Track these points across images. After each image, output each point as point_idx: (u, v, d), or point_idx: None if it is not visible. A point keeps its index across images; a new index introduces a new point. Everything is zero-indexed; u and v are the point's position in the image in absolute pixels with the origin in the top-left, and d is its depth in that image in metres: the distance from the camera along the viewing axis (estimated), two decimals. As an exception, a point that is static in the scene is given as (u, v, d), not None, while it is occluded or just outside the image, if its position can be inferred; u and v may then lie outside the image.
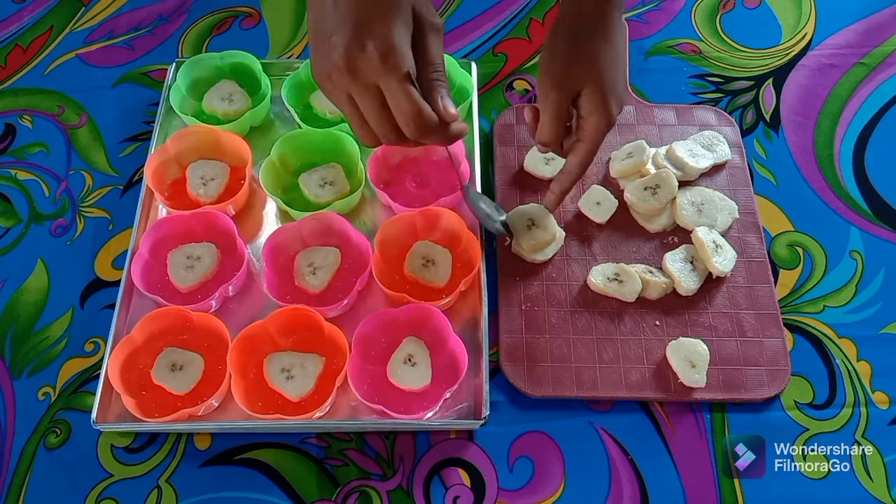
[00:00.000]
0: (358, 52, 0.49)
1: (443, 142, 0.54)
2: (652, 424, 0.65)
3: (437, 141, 0.54)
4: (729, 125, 0.81)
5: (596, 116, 0.60)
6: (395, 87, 0.49)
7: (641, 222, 0.74)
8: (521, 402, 0.66)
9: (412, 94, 0.50)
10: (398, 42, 0.49)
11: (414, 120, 0.51)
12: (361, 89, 0.51)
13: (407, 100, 0.50)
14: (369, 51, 0.48)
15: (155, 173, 0.75)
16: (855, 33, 0.90)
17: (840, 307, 0.71)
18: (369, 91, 0.51)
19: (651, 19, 0.92)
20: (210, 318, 0.66)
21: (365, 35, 0.49)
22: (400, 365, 0.64)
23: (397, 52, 0.49)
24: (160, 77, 0.87)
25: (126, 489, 0.63)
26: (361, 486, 0.63)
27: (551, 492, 0.63)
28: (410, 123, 0.51)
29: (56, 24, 0.93)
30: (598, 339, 0.68)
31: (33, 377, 0.69)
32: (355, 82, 0.50)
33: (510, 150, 0.80)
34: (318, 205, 0.74)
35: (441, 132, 0.53)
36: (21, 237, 0.77)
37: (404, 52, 0.49)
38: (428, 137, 0.53)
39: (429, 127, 0.52)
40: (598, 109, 0.60)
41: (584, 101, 0.60)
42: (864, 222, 0.76)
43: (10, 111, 0.86)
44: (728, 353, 0.67)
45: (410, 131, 0.52)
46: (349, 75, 0.50)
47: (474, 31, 0.91)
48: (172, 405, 0.64)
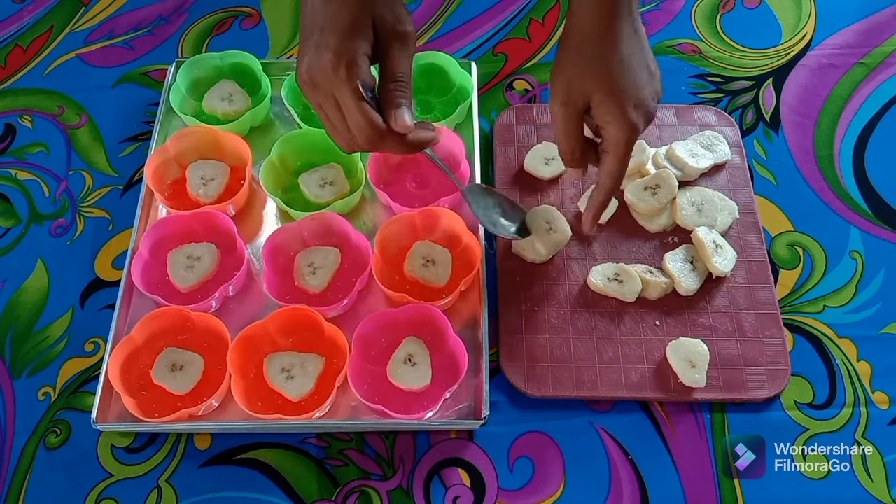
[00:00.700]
0: (316, 64, 0.52)
1: (404, 150, 0.56)
2: (652, 424, 0.65)
3: (396, 150, 0.56)
4: (729, 125, 0.81)
5: (613, 126, 0.57)
6: (346, 98, 0.52)
7: (641, 222, 0.74)
8: (521, 402, 0.66)
9: (360, 105, 0.52)
10: (349, 55, 0.51)
11: (364, 130, 0.53)
12: (322, 99, 0.53)
13: (356, 112, 0.52)
14: (324, 63, 0.51)
15: (155, 173, 0.75)
16: (855, 33, 0.90)
17: (840, 307, 0.71)
18: (329, 101, 0.53)
19: (651, 19, 0.92)
20: (210, 318, 0.66)
21: (322, 47, 0.51)
22: (400, 365, 0.64)
23: (348, 64, 0.51)
24: (160, 77, 0.87)
25: (126, 489, 0.63)
26: (361, 486, 0.63)
27: (551, 492, 0.63)
28: (361, 134, 0.53)
29: (56, 24, 0.93)
30: (598, 339, 0.68)
31: (33, 377, 0.69)
32: (316, 93, 0.53)
33: (510, 150, 0.80)
34: (318, 205, 0.74)
35: (397, 141, 0.55)
36: (21, 237, 0.77)
37: (355, 64, 0.51)
38: (383, 147, 0.55)
39: (378, 137, 0.53)
40: (614, 118, 0.57)
41: (597, 113, 0.58)
42: (864, 222, 0.76)
43: (10, 111, 0.86)
44: (728, 353, 0.67)
45: (362, 141, 0.54)
46: (311, 86, 0.53)
47: (474, 31, 0.91)
48: (172, 405, 0.64)
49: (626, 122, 0.57)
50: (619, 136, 0.58)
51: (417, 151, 0.57)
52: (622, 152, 0.59)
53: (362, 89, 0.52)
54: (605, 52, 0.57)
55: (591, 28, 0.57)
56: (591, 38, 0.57)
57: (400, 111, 0.54)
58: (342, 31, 0.51)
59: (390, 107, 0.54)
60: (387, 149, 0.55)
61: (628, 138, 0.58)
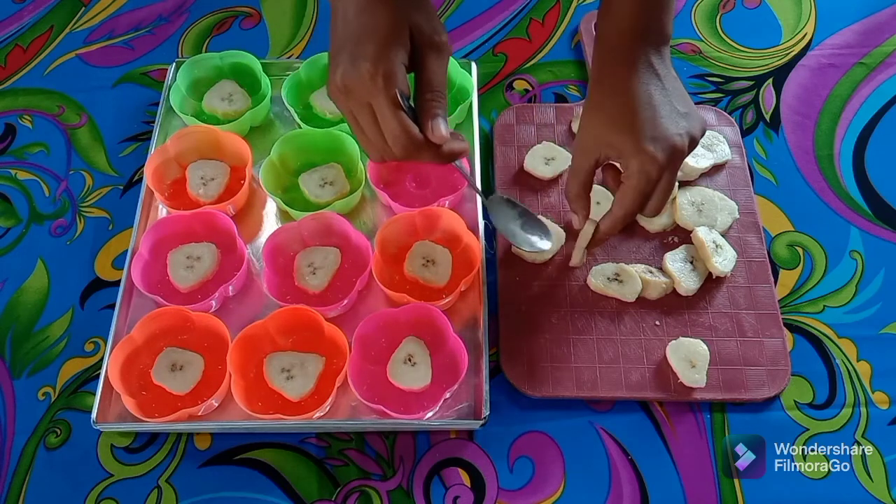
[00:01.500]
0: (352, 72, 0.51)
1: (437, 161, 0.55)
2: (652, 424, 0.65)
3: (431, 160, 0.55)
4: (729, 125, 0.81)
5: (626, 159, 0.57)
6: (382, 107, 0.51)
7: (641, 222, 0.74)
8: (521, 402, 0.66)
9: (398, 115, 0.51)
10: (387, 64, 0.51)
11: (399, 140, 0.52)
12: (357, 108, 0.53)
13: (393, 121, 0.52)
14: (361, 72, 0.50)
15: (155, 173, 0.75)
16: (855, 33, 0.90)
17: (840, 307, 0.71)
18: (364, 110, 0.53)
19: (651, 19, 0.91)
20: (210, 318, 0.66)
21: (359, 56, 0.51)
22: (400, 365, 0.64)
23: (385, 73, 0.50)
24: (160, 77, 0.87)
25: (126, 489, 0.63)
26: (361, 486, 0.63)
27: (551, 492, 0.63)
28: (397, 143, 0.53)
29: (56, 24, 0.93)
30: (598, 339, 0.68)
31: (33, 377, 0.69)
32: (351, 101, 0.53)
33: (510, 150, 0.80)
34: (318, 205, 0.74)
35: (432, 152, 0.54)
36: (21, 237, 0.77)
37: (393, 73, 0.51)
38: (417, 157, 0.54)
39: (415, 148, 0.53)
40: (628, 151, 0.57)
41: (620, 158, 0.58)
42: (864, 222, 0.76)
43: (10, 111, 0.86)
44: (728, 353, 0.67)
45: (397, 151, 0.53)
46: (345, 94, 0.52)
47: (474, 31, 0.91)
48: (172, 405, 0.64)
49: (640, 151, 0.56)
50: (633, 166, 0.57)
51: (450, 162, 0.57)
52: (633, 182, 0.57)
53: (400, 98, 0.51)
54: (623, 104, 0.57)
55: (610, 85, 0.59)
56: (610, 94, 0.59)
57: (437, 122, 0.53)
58: (379, 39, 0.51)
59: (427, 117, 0.53)
60: (421, 159, 0.55)
61: (641, 167, 0.56)
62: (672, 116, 0.57)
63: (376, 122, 0.53)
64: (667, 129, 0.56)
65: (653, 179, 0.57)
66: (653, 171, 0.56)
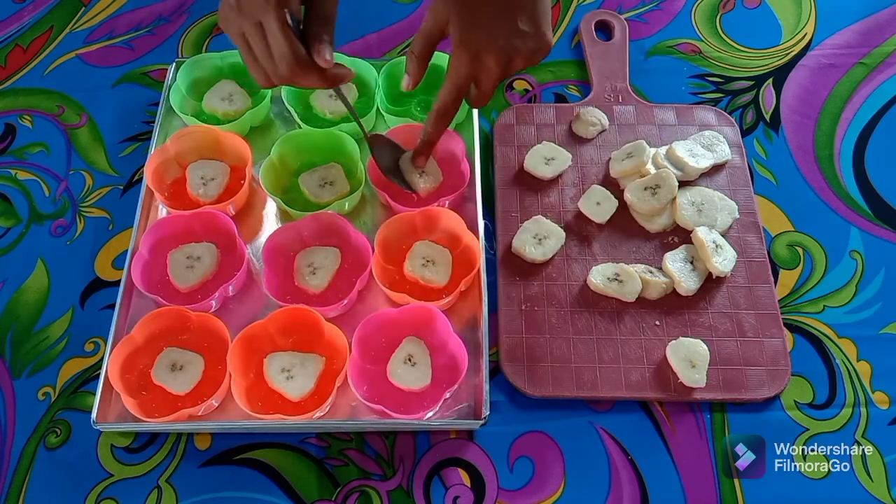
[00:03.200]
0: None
1: (322, 84, 0.57)
2: (652, 424, 0.65)
3: (316, 83, 0.57)
4: (729, 125, 0.81)
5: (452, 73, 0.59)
6: (272, 25, 0.53)
7: (641, 222, 0.74)
8: (521, 402, 0.66)
9: (287, 32, 0.53)
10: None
11: (286, 58, 0.54)
12: (248, 26, 0.54)
13: (281, 38, 0.53)
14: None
15: (155, 173, 0.75)
16: (855, 33, 0.90)
17: (840, 307, 0.71)
18: (255, 29, 0.54)
19: (651, 19, 0.92)
20: (210, 318, 0.66)
21: None
22: (400, 365, 0.64)
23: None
24: (160, 77, 0.87)
25: (126, 489, 0.63)
26: (361, 486, 0.63)
27: (551, 492, 0.63)
28: (283, 62, 0.54)
29: (56, 24, 0.93)
30: (598, 339, 0.68)
31: (33, 377, 0.69)
32: (242, 19, 0.54)
33: (510, 150, 0.80)
34: (318, 205, 0.74)
35: (317, 75, 0.56)
36: (21, 237, 0.77)
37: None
38: (303, 79, 0.56)
39: (300, 68, 0.55)
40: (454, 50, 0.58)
41: None
42: (864, 222, 0.76)
43: (10, 111, 0.86)
44: (728, 353, 0.67)
45: (283, 69, 0.55)
46: (237, 12, 0.54)
47: (474, 31, 0.91)
48: (172, 405, 0.64)
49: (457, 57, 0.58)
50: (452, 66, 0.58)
51: (334, 86, 0.59)
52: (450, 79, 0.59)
53: (290, 20, 0.53)
54: None
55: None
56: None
57: (323, 45, 0.55)
58: None
59: (314, 40, 0.55)
60: (305, 82, 0.57)
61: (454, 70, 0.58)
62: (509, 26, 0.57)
63: (265, 41, 0.54)
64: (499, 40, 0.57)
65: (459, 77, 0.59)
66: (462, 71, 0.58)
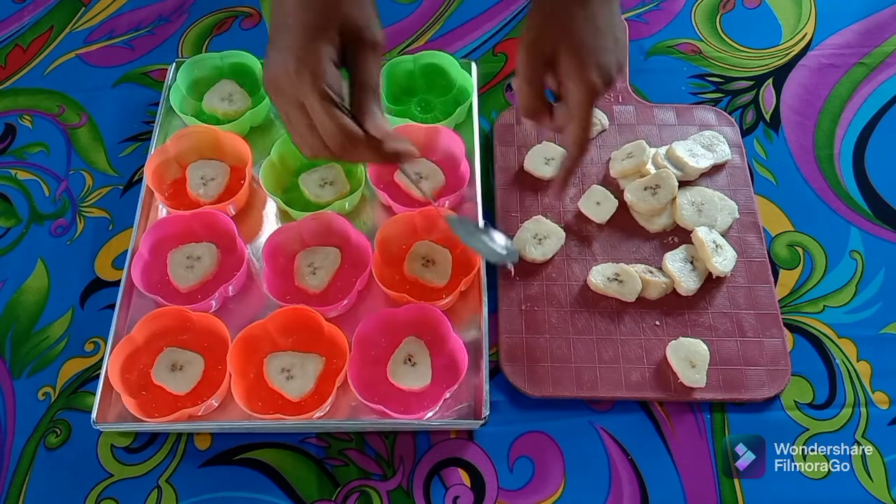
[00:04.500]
0: (281, 69, 0.50)
1: (379, 160, 0.54)
2: (652, 424, 0.65)
3: (372, 159, 0.54)
4: (729, 125, 0.81)
5: (573, 82, 0.56)
6: (315, 104, 0.50)
7: (641, 222, 0.74)
8: (521, 402, 0.66)
9: (329, 109, 0.50)
10: (312, 58, 0.50)
11: (336, 137, 0.51)
12: (288, 106, 0.52)
13: (324, 115, 0.50)
14: (287, 66, 0.50)
15: (155, 173, 0.75)
16: (855, 33, 0.90)
17: (840, 307, 0.71)
18: (295, 107, 0.52)
19: (651, 19, 0.92)
20: (210, 318, 0.66)
21: (287, 52, 0.50)
22: (400, 365, 0.64)
23: (315, 71, 0.50)
24: (160, 77, 0.87)
25: (126, 489, 0.63)
26: (361, 486, 0.63)
27: (551, 492, 0.63)
28: (334, 140, 0.51)
29: (56, 24, 0.93)
30: (598, 339, 0.68)
31: (33, 377, 0.69)
32: (282, 99, 0.52)
33: (510, 150, 0.80)
34: (318, 205, 0.74)
35: (372, 150, 0.53)
36: (21, 237, 0.77)
37: (319, 68, 0.50)
38: (355, 155, 0.53)
39: (351, 144, 0.52)
40: (575, 75, 0.55)
41: (561, 69, 0.56)
42: (864, 222, 0.76)
43: (10, 111, 0.86)
44: (728, 353, 0.67)
45: (335, 148, 0.52)
46: (275, 92, 0.52)
47: (474, 31, 0.91)
48: (172, 405, 0.64)
49: (585, 80, 0.55)
50: (579, 96, 0.56)
51: (394, 163, 0.55)
52: (583, 113, 0.57)
53: (332, 94, 0.50)
54: (576, 12, 0.56)
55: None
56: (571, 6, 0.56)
57: (375, 115, 0.52)
58: (303, 33, 0.50)
59: (364, 112, 0.52)
60: (360, 157, 0.53)
61: (588, 98, 0.56)
62: (612, 45, 0.57)
63: (307, 119, 0.52)
64: (608, 60, 0.56)
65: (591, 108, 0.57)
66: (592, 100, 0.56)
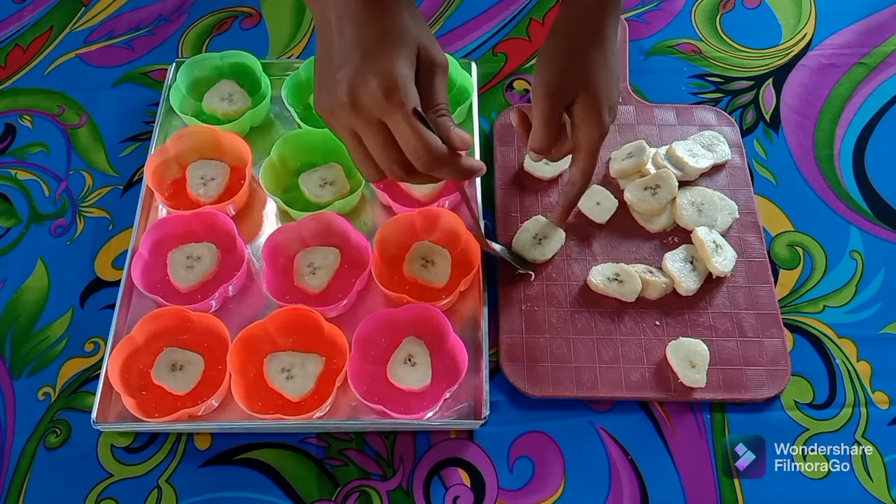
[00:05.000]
0: (362, 88, 0.49)
1: (455, 175, 0.54)
2: (652, 424, 0.65)
3: (449, 175, 0.54)
4: (729, 125, 0.81)
5: (588, 125, 0.61)
6: (401, 123, 0.49)
7: (641, 222, 0.74)
8: (521, 402, 0.66)
9: (420, 128, 0.50)
10: (402, 79, 0.49)
11: (423, 154, 0.51)
12: (365, 125, 0.51)
13: (415, 135, 0.50)
14: (373, 87, 0.49)
15: (155, 173, 0.75)
16: (855, 33, 0.90)
17: (840, 307, 0.71)
18: (373, 127, 0.51)
19: (651, 19, 0.92)
20: (210, 318, 0.66)
21: (368, 71, 0.49)
22: (400, 365, 0.64)
23: (401, 89, 0.49)
24: (160, 77, 0.87)
25: (126, 489, 0.63)
26: (361, 486, 0.63)
27: (551, 492, 0.63)
28: (421, 157, 0.51)
29: (56, 24, 0.93)
30: (598, 339, 0.68)
31: (33, 377, 0.69)
32: (359, 118, 0.50)
33: (510, 150, 0.80)
34: (318, 205, 0.74)
35: (452, 165, 0.53)
36: (21, 237, 0.77)
37: (408, 88, 0.49)
38: (439, 170, 0.53)
39: (440, 159, 0.51)
40: (591, 118, 0.60)
41: (577, 110, 0.61)
42: (864, 222, 0.76)
43: (10, 111, 0.86)
44: (728, 353, 0.67)
45: (421, 164, 0.51)
46: (353, 111, 0.50)
47: (474, 31, 0.91)
48: (172, 405, 0.64)
49: (600, 124, 0.61)
50: (594, 136, 0.61)
51: (468, 178, 0.56)
52: (593, 151, 0.62)
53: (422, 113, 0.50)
54: (596, 51, 0.60)
55: (586, 25, 0.60)
56: (583, 35, 0.60)
57: (457, 130, 0.53)
58: (392, 54, 0.49)
59: (443, 129, 0.52)
60: (441, 173, 0.53)
61: (601, 138, 0.62)
62: (616, 81, 0.63)
63: (385, 141, 0.51)
64: (615, 98, 0.62)
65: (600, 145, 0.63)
66: (603, 139, 0.62)
